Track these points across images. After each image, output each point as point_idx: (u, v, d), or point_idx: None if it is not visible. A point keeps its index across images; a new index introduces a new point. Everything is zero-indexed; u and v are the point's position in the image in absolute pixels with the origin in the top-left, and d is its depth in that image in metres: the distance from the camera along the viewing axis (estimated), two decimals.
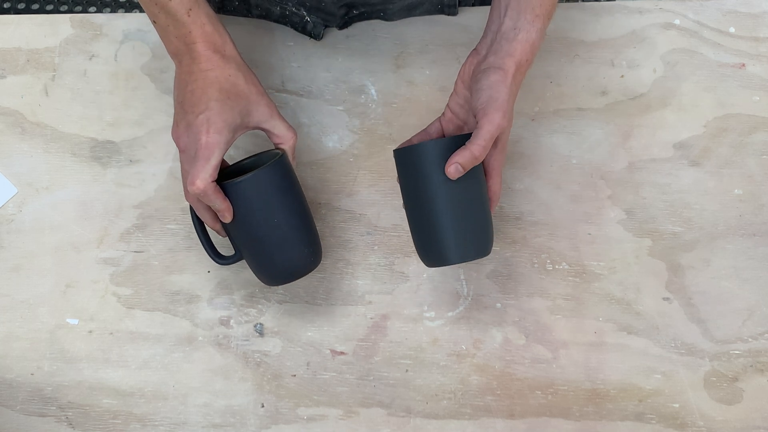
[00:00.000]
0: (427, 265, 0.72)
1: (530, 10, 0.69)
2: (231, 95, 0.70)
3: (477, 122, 0.67)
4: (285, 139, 0.74)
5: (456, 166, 0.66)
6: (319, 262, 0.75)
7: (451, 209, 0.68)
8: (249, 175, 0.70)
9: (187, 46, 0.71)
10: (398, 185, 0.72)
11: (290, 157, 0.74)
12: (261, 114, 0.72)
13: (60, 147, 0.85)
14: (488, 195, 0.71)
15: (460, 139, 0.68)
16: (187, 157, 0.70)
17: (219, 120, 0.69)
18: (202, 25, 0.71)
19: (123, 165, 0.84)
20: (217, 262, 0.75)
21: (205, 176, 0.68)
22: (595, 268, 0.80)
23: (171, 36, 0.72)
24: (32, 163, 0.84)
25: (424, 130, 0.74)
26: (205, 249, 0.75)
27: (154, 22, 0.72)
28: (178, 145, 0.71)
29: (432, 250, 0.70)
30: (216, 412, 0.75)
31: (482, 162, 0.69)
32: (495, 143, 0.69)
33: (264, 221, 0.70)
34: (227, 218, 0.70)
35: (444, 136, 0.74)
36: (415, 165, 0.69)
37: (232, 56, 0.72)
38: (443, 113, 0.74)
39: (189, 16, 0.70)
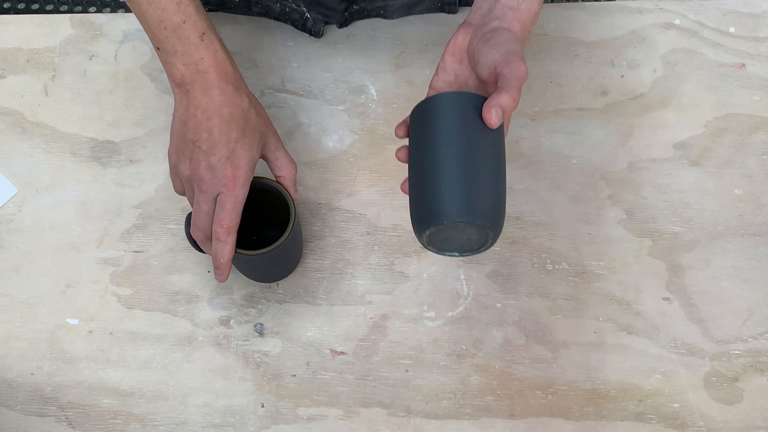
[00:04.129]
0: (420, 235, 0.59)
1: None
2: (248, 132, 0.69)
3: (499, 73, 0.62)
4: (287, 171, 0.73)
5: (496, 109, 0.59)
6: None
7: (466, 160, 0.58)
8: (268, 250, 0.71)
9: (199, 74, 0.67)
10: (398, 185, 0.72)
11: (291, 189, 0.73)
12: (270, 145, 0.72)
13: (60, 147, 0.85)
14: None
15: (479, 97, 0.61)
16: (206, 188, 0.69)
17: (243, 162, 0.68)
18: (215, 51, 0.68)
19: (123, 165, 0.84)
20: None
21: (235, 221, 0.69)
22: (595, 268, 0.80)
23: (179, 63, 0.67)
24: (32, 163, 0.85)
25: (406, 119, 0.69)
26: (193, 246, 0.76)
27: (158, 49, 0.68)
28: (189, 177, 0.69)
29: (429, 204, 0.58)
30: (216, 412, 0.75)
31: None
32: None
33: (263, 269, 0.78)
34: (221, 277, 0.71)
35: None
36: (432, 115, 0.60)
37: (242, 87, 0.69)
38: (426, 95, 0.69)
39: (202, 40, 0.67)
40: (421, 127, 0.61)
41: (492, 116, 0.59)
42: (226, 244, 0.69)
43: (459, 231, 0.58)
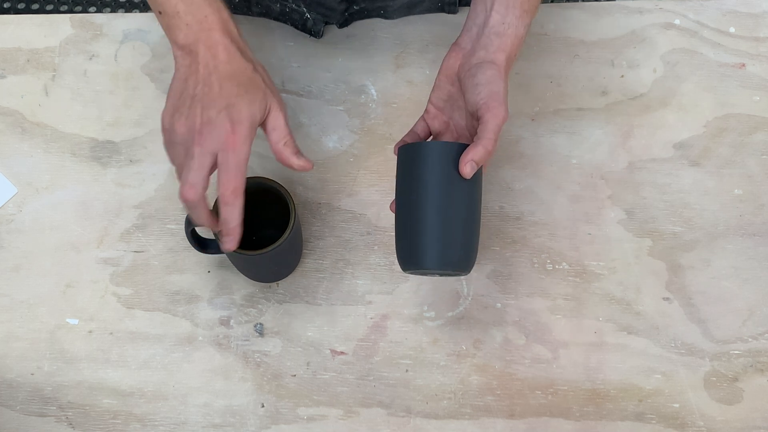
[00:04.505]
0: (403, 269, 0.69)
1: (518, 5, 0.69)
2: (250, 89, 0.65)
3: (480, 117, 0.67)
4: (281, 137, 0.68)
5: (471, 163, 0.65)
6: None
7: (442, 212, 0.67)
8: (268, 250, 0.71)
9: (204, 33, 0.65)
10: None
11: (291, 157, 0.68)
12: (273, 111, 0.67)
13: (60, 147, 0.85)
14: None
15: (461, 146, 0.67)
16: (203, 141, 0.64)
17: (244, 117, 0.64)
18: (219, 9, 0.66)
19: (123, 165, 0.84)
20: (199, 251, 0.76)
21: (241, 182, 0.64)
22: (595, 268, 0.80)
23: (182, 24, 0.65)
24: (32, 163, 0.84)
25: (411, 130, 0.73)
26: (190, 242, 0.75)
27: (159, 13, 0.67)
28: (185, 135, 0.64)
29: (413, 251, 0.67)
30: (216, 412, 0.75)
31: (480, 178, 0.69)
32: None
33: (263, 268, 0.78)
34: (231, 243, 0.66)
35: (430, 133, 0.73)
36: (415, 162, 0.67)
37: (247, 52, 0.67)
38: (426, 110, 0.73)
39: None
40: (406, 173, 0.68)
41: (467, 169, 0.66)
42: (234, 207, 0.64)
43: (435, 271, 0.68)
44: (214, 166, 0.64)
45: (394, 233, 0.81)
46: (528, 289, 0.79)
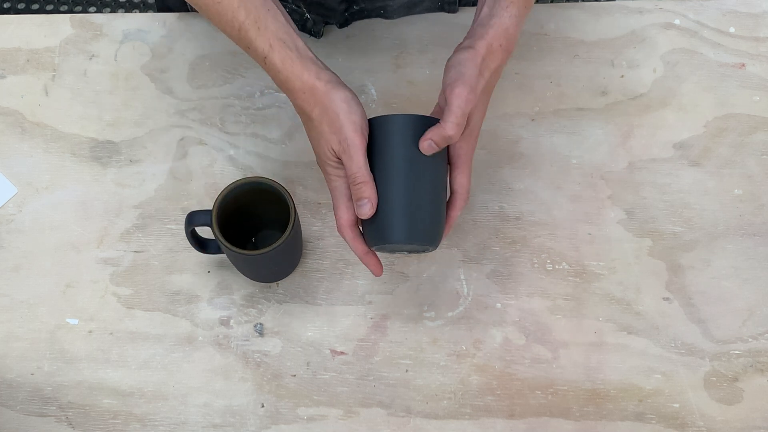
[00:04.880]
0: (370, 245, 0.68)
1: None
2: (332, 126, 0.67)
3: (446, 99, 0.65)
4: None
5: (429, 141, 0.64)
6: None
7: (408, 186, 0.65)
8: (268, 249, 0.71)
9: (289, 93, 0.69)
10: None
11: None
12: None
13: (60, 147, 0.85)
14: (452, 188, 0.69)
15: (428, 119, 0.66)
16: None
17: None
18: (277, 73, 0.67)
19: (123, 165, 0.84)
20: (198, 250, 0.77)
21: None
22: (595, 268, 0.80)
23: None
24: (32, 163, 0.84)
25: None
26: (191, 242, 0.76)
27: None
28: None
29: (379, 226, 0.66)
30: (216, 412, 0.75)
31: (448, 151, 0.68)
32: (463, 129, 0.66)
33: (264, 268, 0.77)
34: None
35: None
36: (382, 134, 0.66)
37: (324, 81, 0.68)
38: (434, 108, 0.73)
39: (266, 63, 0.67)
40: (375, 147, 0.67)
41: (424, 146, 0.65)
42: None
43: (403, 246, 0.67)
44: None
45: None
46: (528, 289, 0.79)
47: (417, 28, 0.90)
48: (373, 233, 0.67)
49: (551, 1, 1.65)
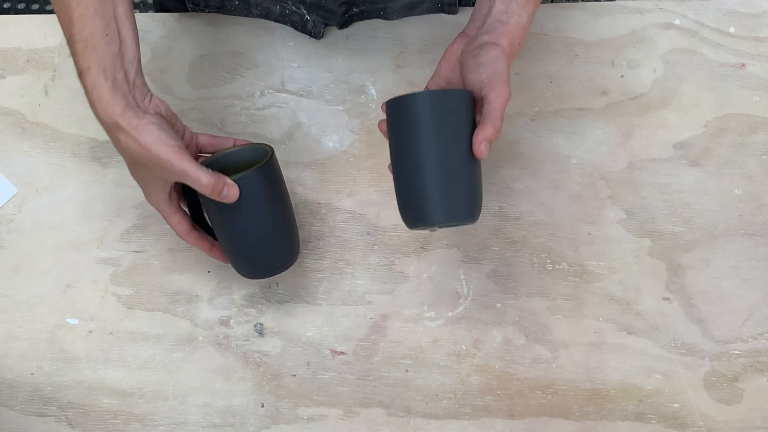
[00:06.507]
0: (408, 227, 0.68)
1: None
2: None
3: (484, 97, 0.66)
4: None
5: (485, 143, 0.64)
6: (293, 262, 0.75)
7: (439, 164, 0.65)
8: (247, 172, 0.69)
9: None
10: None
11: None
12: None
13: (60, 147, 0.85)
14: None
15: (456, 93, 0.66)
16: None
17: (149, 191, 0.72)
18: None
19: (123, 165, 0.84)
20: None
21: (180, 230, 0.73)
22: (595, 268, 0.80)
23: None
24: (32, 163, 0.84)
25: None
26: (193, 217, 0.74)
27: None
28: None
29: (416, 207, 0.66)
30: (216, 412, 0.75)
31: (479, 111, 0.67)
32: None
33: (248, 220, 0.71)
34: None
35: None
36: (408, 114, 0.65)
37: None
38: (432, 79, 0.73)
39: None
40: (401, 128, 0.66)
41: (482, 150, 0.64)
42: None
43: (443, 225, 0.67)
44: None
45: (394, 233, 0.81)
46: (528, 289, 0.79)
47: (417, 28, 0.90)
48: (411, 215, 0.66)
49: (551, 1, 1.65)
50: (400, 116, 0.66)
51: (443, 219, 0.65)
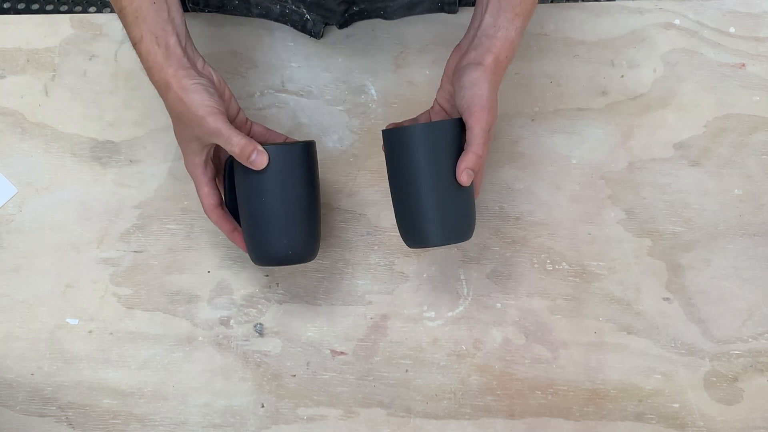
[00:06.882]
0: (409, 246, 0.73)
1: (510, 9, 0.70)
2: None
3: (466, 122, 0.68)
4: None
5: (467, 171, 0.67)
6: (313, 257, 0.74)
7: (435, 192, 0.69)
8: (293, 144, 0.72)
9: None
10: None
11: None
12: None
13: (60, 147, 0.85)
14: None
15: (447, 124, 0.69)
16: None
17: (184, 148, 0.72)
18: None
19: (123, 165, 0.84)
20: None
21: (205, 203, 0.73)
22: (595, 268, 0.80)
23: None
24: (32, 163, 0.84)
25: (414, 118, 0.76)
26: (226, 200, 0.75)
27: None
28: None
29: (415, 231, 0.71)
30: (216, 412, 0.75)
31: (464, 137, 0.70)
32: None
33: (283, 197, 0.71)
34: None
35: None
36: (403, 146, 0.70)
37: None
38: (432, 106, 0.76)
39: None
40: (398, 157, 0.70)
41: (464, 179, 0.67)
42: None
43: (440, 246, 0.74)
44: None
45: (394, 233, 0.81)
46: (528, 289, 0.79)
47: (417, 28, 0.90)
48: (411, 238, 0.72)
49: (551, 1, 1.65)
50: (395, 146, 0.71)
51: (439, 242, 0.71)
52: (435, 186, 0.69)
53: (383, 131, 0.72)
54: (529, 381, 0.76)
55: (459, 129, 0.70)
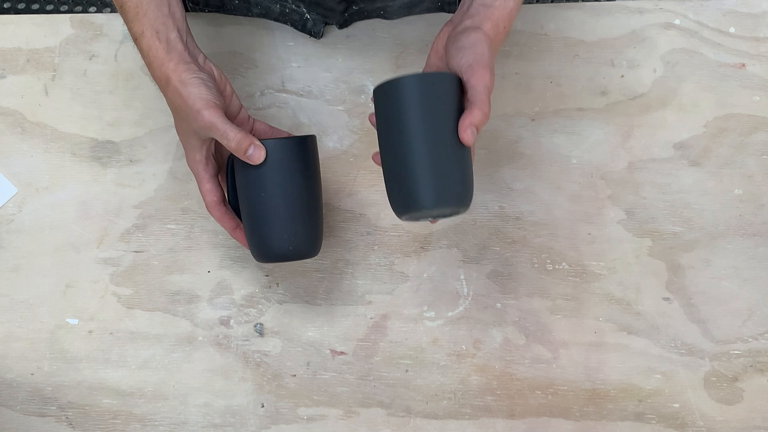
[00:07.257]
0: (399, 216, 0.65)
1: None
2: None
3: (467, 82, 0.64)
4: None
5: (471, 128, 0.62)
6: (316, 253, 0.74)
7: (428, 147, 0.62)
8: (288, 138, 0.71)
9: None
10: None
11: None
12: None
13: (60, 147, 0.85)
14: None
15: (443, 76, 0.64)
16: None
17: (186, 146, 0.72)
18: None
19: (123, 165, 0.84)
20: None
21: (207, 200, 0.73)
22: (595, 268, 0.80)
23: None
24: (32, 163, 0.84)
25: None
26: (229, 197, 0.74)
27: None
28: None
29: (404, 193, 0.63)
30: (216, 412, 0.75)
31: (464, 95, 0.66)
32: None
33: (282, 191, 0.71)
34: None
35: None
36: (395, 99, 0.63)
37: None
38: (424, 69, 0.72)
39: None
40: (388, 113, 0.64)
41: (468, 135, 0.62)
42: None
43: (433, 212, 0.63)
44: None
45: (394, 233, 0.81)
46: (528, 289, 0.79)
47: (417, 28, 0.90)
48: (400, 202, 0.64)
49: (551, 1, 1.65)
50: (387, 101, 0.64)
51: (433, 204, 0.62)
52: (428, 140, 0.62)
53: (374, 88, 0.65)
54: (529, 381, 0.76)
55: (456, 85, 0.64)
